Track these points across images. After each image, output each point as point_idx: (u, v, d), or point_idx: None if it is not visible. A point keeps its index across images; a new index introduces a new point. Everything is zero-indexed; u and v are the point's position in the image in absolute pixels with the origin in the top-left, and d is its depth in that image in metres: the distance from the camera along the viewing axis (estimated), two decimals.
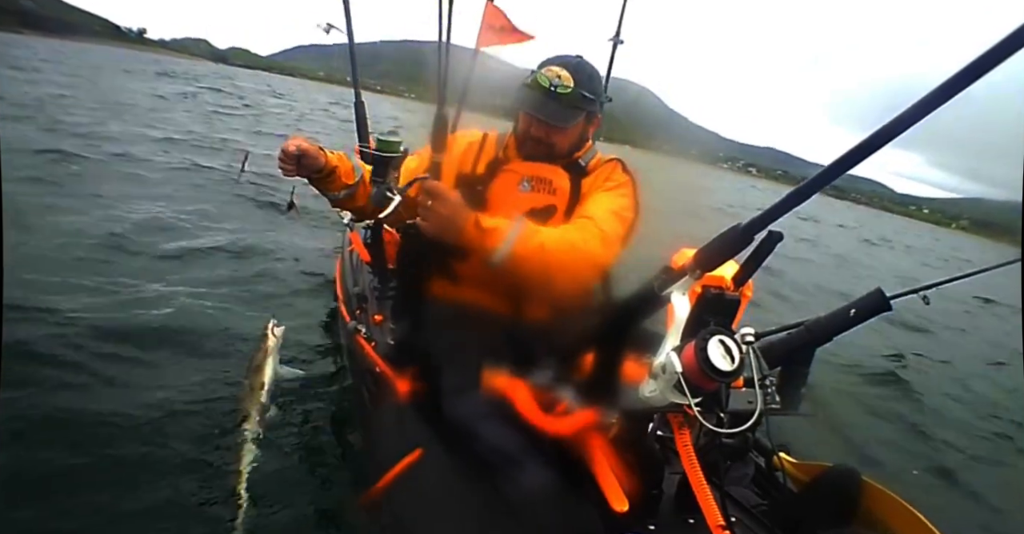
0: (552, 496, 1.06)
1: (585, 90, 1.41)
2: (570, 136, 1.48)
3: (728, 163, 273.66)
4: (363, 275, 2.33)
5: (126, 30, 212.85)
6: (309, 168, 1.38)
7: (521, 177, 1.48)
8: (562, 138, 1.46)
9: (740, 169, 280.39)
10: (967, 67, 0.60)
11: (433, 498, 1.24)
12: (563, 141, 1.47)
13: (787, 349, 1.41)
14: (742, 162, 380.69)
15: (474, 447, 1.18)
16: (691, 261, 0.88)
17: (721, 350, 0.82)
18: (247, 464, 1.65)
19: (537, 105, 1.41)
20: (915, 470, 2.75)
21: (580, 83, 1.40)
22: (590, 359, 1.10)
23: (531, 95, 1.42)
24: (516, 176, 1.48)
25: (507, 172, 1.49)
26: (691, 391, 0.85)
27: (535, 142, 1.46)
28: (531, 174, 1.48)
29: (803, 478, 1.43)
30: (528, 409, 1.09)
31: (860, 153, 0.70)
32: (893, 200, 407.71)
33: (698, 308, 0.91)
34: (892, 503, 1.28)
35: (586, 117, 1.48)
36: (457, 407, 1.26)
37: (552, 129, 1.43)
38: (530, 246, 1.21)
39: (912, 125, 0.66)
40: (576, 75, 1.40)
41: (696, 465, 0.93)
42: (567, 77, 1.39)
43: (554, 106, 1.40)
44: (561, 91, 1.39)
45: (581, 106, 1.43)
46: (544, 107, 1.41)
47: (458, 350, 1.37)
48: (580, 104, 1.42)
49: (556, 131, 1.44)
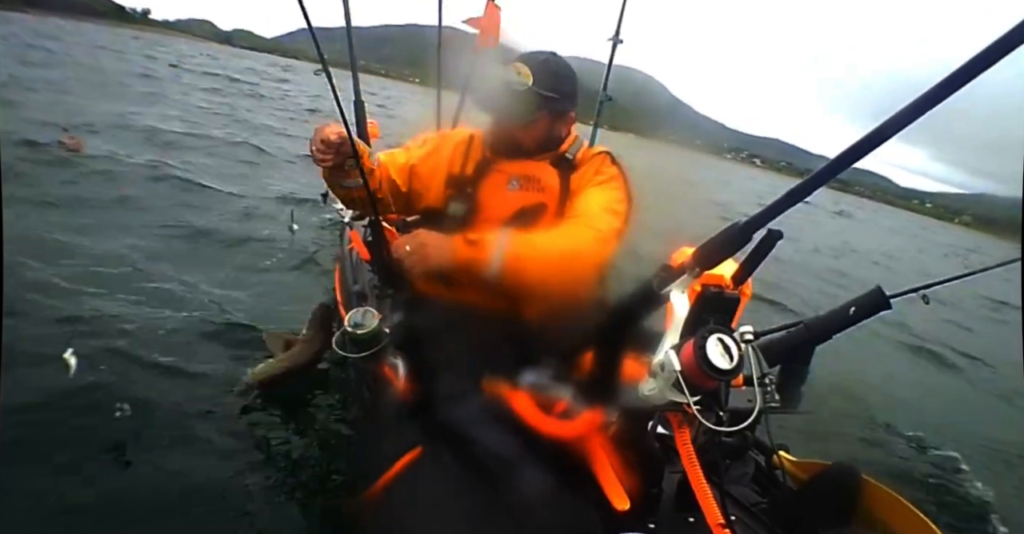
0: (551, 498, 1.06)
1: (544, 88, 1.41)
2: (532, 132, 1.48)
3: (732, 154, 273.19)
4: (363, 273, 2.32)
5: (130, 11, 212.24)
6: (345, 155, 1.33)
7: (509, 176, 1.48)
8: (523, 134, 1.47)
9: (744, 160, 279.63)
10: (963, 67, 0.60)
11: (433, 497, 1.24)
12: (524, 137, 1.48)
13: (786, 347, 1.42)
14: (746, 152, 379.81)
15: (472, 452, 1.18)
16: (690, 259, 0.88)
17: (720, 348, 0.82)
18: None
19: (494, 101, 1.44)
20: (915, 469, 2.75)
21: (540, 81, 1.41)
22: (589, 358, 1.10)
23: (492, 89, 1.45)
24: (504, 176, 1.49)
25: (495, 172, 1.50)
26: (690, 390, 0.85)
27: (497, 137, 1.49)
28: (519, 173, 1.48)
29: (803, 476, 1.43)
30: (529, 413, 1.09)
31: (858, 151, 0.70)
32: (896, 194, 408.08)
33: (697, 306, 0.91)
34: (892, 502, 1.28)
35: (550, 114, 1.47)
36: (454, 411, 1.25)
37: (511, 124, 1.45)
38: (522, 249, 1.23)
39: (910, 123, 0.66)
40: (537, 73, 1.41)
41: (696, 464, 0.93)
42: (527, 73, 1.40)
43: (508, 102, 1.41)
44: (516, 88, 1.40)
45: (538, 104, 1.42)
46: (499, 102, 1.43)
47: (456, 351, 1.37)
48: (536, 102, 1.42)
49: (515, 126, 1.46)
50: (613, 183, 1.47)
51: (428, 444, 1.29)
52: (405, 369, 1.47)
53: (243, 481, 1.62)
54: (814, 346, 1.42)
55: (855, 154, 0.70)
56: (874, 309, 1.39)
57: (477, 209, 1.48)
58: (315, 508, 1.59)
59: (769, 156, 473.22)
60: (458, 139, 1.59)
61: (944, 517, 1.24)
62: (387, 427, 1.52)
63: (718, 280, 0.94)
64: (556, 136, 1.53)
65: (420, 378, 1.44)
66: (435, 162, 1.54)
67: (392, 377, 1.48)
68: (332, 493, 1.65)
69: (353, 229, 2.59)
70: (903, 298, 1.49)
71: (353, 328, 1.41)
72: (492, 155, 1.53)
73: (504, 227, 1.41)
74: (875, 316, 1.41)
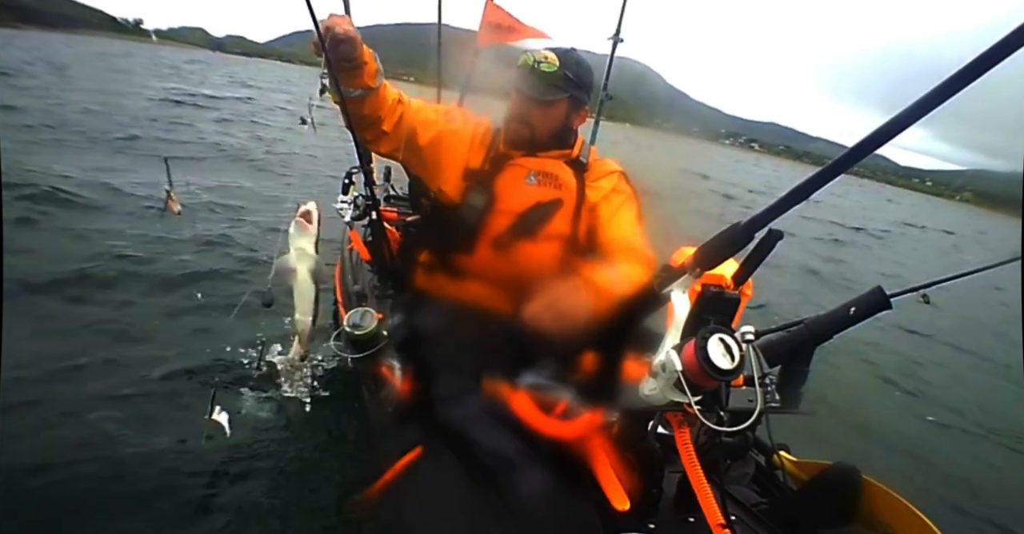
0: (551, 498, 1.06)
1: (569, 72, 1.47)
2: (550, 117, 1.51)
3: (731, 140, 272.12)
4: (363, 273, 2.32)
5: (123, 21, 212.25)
6: (343, 54, 1.32)
7: (528, 171, 1.52)
8: (541, 117, 1.50)
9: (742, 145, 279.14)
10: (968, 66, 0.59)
11: (432, 497, 1.24)
12: (542, 121, 1.51)
13: (787, 347, 1.42)
14: (744, 137, 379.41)
15: (472, 452, 1.18)
16: (691, 259, 0.88)
17: (721, 348, 0.82)
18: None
19: (520, 80, 1.48)
20: (916, 469, 2.75)
21: (565, 65, 1.46)
22: (590, 358, 1.10)
23: (518, 73, 1.49)
24: (523, 170, 1.52)
25: (513, 166, 1.53)
26: (691, 390, 0.84)
27: (518, 122, 1.51)
28: (537, 169, 1.53)
29: (803, 477, 1.43)
30: (529, 413, 1.09)
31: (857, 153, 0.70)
32: (896, 173, 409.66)
33: (698, 306, 0.91)
34: (893, 502, 1.28)
35: (570, 102, 1.52)
36: (454, 411, 1.25)
37: (532, 105, 1.48)
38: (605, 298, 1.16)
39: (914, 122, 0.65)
40: (562, 59, 1.47)
41: (696, 464, 0.92)
42: (552, 58, 1.46)
43: (535, 80, 1.46)
44: (544, 68, 1.45)
45: (562, 86, 1.47)
46: (526, 81, 1.47)
47: (456, 351, 1.37)
48: (561, 84, 1.47)
49: (536, 107, 1.49)
50: (631, 204, 1.55)
51: (428, 444, 1.29)
52: (404, 369, 1.47)
53: (243, 481, 1.62)
54: (815, 346, 1.42)
55: (857, 154, 0.70)
56: (874, 309, 1.39)
57: (494, 201, 1.50)
58: (315, 508, 1.59)
59: (767, 140, 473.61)
60: (480, 130, 1.60)
61: (944, 517, 1.23)
62: (386, 427, 1.52)
63: (719, 280, 0.94)
64: (569, 128, 1.58)
65: (420, 378, 1.44)
66: (457, 146, 1.57)
67: (391, 377, 1.48)
68: (332, 493, 1.65)
69: (353, 229, 2.59)
70: (903, 298, 1.49)
71: (352, 329, 1.41)
72: (508, 149, 1.55)
73: (518, 222, 1.47)
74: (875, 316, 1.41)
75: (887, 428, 3.14)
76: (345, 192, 1.94)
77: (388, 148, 1.56)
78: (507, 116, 1.54)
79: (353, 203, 1.87)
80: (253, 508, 1.54)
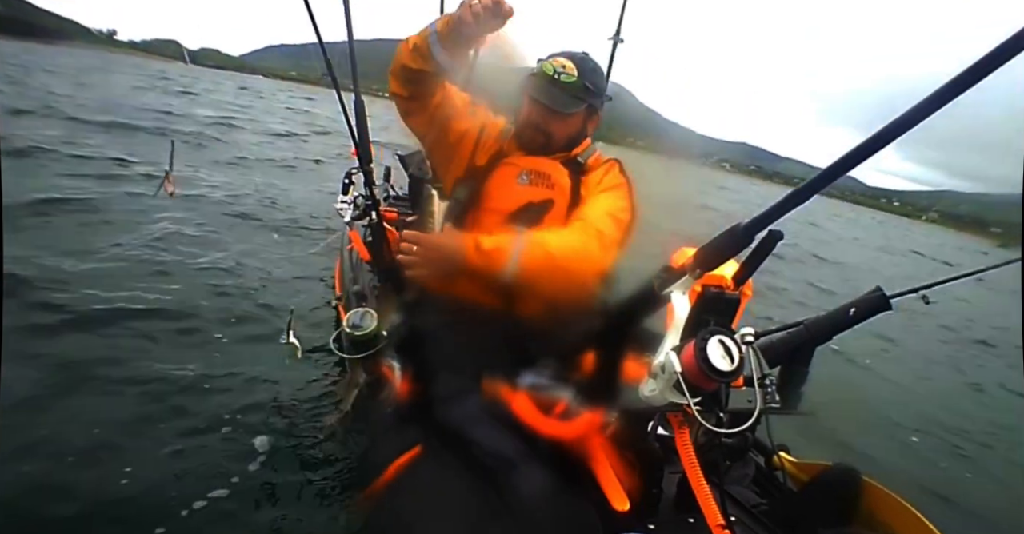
0: (551, 498, 1.06)
1: (588, 81, 1.44)
2: (569, 126, 1.50)
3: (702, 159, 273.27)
4: (363, 273, 2.32)
5: (96, 32, 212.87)
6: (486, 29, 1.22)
7: (520, 170, 1.49)
8: (560, 127, 1.48)
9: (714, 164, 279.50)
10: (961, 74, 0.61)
11: (432, 497, 1.24)
12: (561, 130, 1.49)
13: (787, 348, 1.42)
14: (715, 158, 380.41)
15: (472, 452, 1.18)
16: (691, 260, 0.88)
17: (721, 350, 0.82)
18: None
19: (540, 90, 1.44)
20: (916, 470, 2.75)
21: (583, 74, 1.44)
22: (590, 359, 1.10)
23: (535, 82, 1.45)
24: (515, 169, 1.50)
25: (506, 165, 1.51)
26: (690, 391, 0.84)
27: (534, 129, 1.48)
28: (530, 168, 1.50)
29: (803, 477, 1.43)
30: (528, 414, 1.09)
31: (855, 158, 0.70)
32: (865, 194, 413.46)
33: (698, 307, 0.91)
34: (893, 503, 1.28)
35: (587, 110, 1.50)
36: (453, 411, 1.25)
37: (552, 116, 1.46)
38: (537, 257, 1.22)
39: (909, 129, 0.66)
40: (580, 66, 1.44)
41: (696, 464, 0.92)
42: (571, 67, 1.43)
43: (556, 92, 1.43)
44: (565, 79, 1.42)
45: (583, 96, 1.45)
46: (547, 92, 1.43)
47: (455, 351, 1.37)
48: (582, 94, 1.45)
49: (555, 118, 1.46)
50: (620, 192, 1.48)
51: (427, 444, 1.29)
52: (404, 369, 1.47)
53: (242, 482, 1.62)
54: (814, 347, 1.42)
55: (850, 162, 0.70)
56: (874, 310, 1.39)
57: (484, 199, 1.49)
58: (314, 508, 1.59)
59: (738, 160, 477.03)
60: (494, 132, 1.59)
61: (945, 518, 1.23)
62: (386, 427, 1.51)
63: (719, 281, 0.94)
64: (584, 133, 1.56)
65: (419, 378, 1.44)
66: (468, 144, 1.56)
67: (391, 377, 1.47)
68: (331, 493, 1.65)
69: (353, 229, 2.59)
70: (903, 299, 1.49)
71: (351, 329, 1.41)
72: (507, 149, 1.54)
73: (508, 222, 1.43)
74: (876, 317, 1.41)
75: (887, 429, 3.14)
76: (345, 192, 1.95)
77: (421, 124, 1.51)
78: (519, 121, 1.52)
79: (353, 203, 1.87)
80: (251, 509, 1.54)
